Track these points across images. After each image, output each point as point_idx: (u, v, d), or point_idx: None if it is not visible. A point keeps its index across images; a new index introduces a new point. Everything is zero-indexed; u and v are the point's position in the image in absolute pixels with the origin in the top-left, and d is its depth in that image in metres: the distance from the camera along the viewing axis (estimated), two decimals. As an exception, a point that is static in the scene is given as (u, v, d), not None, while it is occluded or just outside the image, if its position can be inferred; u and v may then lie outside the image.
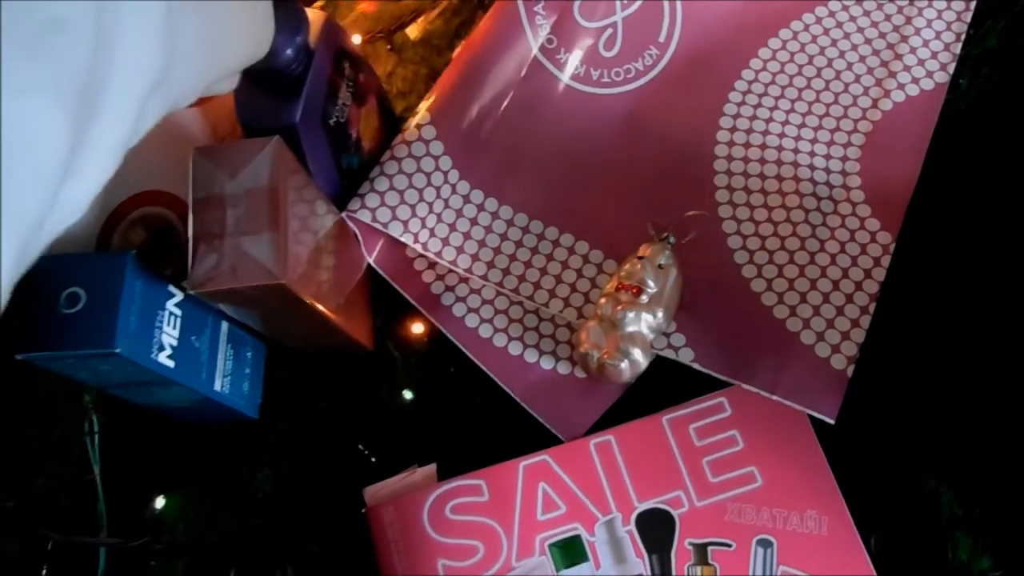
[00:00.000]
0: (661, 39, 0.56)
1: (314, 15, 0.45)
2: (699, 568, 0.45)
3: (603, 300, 0.47)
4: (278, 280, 0.36)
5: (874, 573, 0.43)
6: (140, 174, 0.46)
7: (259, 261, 0.37)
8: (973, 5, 0.55)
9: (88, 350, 0.37)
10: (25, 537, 0.46)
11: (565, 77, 0.54)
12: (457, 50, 0.55)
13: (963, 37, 0.54)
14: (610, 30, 0.55)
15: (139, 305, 0.39)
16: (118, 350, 0.37)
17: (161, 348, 0.40)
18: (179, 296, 0.42)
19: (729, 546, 0.45)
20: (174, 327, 0.41)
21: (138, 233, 0.46)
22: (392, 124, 0.55)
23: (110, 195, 0.45)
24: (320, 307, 0.42)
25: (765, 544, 0.45)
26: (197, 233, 0.37)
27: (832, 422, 0.44)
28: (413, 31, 0.59)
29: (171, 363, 0.41)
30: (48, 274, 0.38)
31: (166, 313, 0.41)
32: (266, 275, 0.36)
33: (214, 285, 0.37)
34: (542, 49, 0.54)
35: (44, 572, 0.46)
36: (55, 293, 0.38)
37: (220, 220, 0.37)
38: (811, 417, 0.46)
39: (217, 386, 0.45)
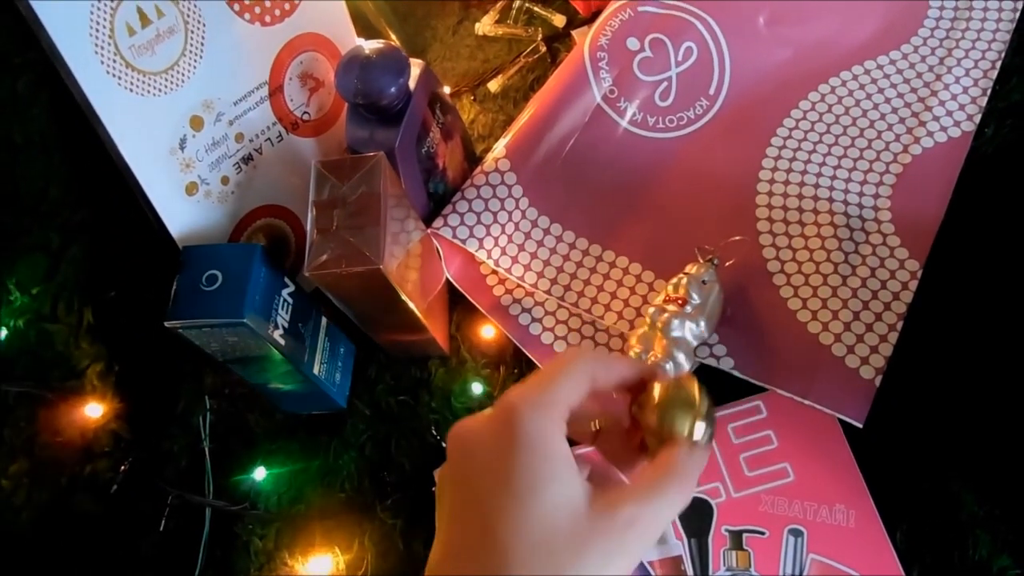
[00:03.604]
0: (711, 92, 0.63)
1: (415, 64, 0.54)
2: (734, 552, 0.49)
3: (652, 309, 0.53)
4: (376, 265, 0.44)
5: (898, 563, 0.47)
6: (264, 190, 0.55)
7: (361, 250, 0.44)
8: (999, 64, 0.61)
9: (221, 319, 0.45)
10: (148, 492, 0.54)
11: (624, 122, 0.62)
12: (532, 98, 0.64)
13: (989, 92, 0.60)
14: (665, 83, 0.63)
15: (262, 288, 0.47)
16: (245, 320, 0.45)
17: (276, 327, 0.48)
18: (291, 287, 0.50)
19: (763, 534, 0.49)
20: (287, 312, 0.49)
21: (259, 239, 0.55)
22: (473, 161, 0.63)
23: (240, 206, 0.54)
24: (409, 302, 0.50)
25: (796, 533, 0.49)
26: (314, 228, 0.46)
27: (860, 426, 0.48)
28: (494, 85, 0.69)
29: (282, 341, 0.49)
30: (192, 259, 0.47)
31: (281, 299, 0.49)
32: (366, 261, 0.44)
33: (326, 268, 0.44)
34: (604, 98, 0.62)
35: (163, 524, 0.53)
36: (197, 275, 0.46)
37: (333, 218, 0.45)
38: (841, 421, 0.50)
39: (315, 370, 0.53)
